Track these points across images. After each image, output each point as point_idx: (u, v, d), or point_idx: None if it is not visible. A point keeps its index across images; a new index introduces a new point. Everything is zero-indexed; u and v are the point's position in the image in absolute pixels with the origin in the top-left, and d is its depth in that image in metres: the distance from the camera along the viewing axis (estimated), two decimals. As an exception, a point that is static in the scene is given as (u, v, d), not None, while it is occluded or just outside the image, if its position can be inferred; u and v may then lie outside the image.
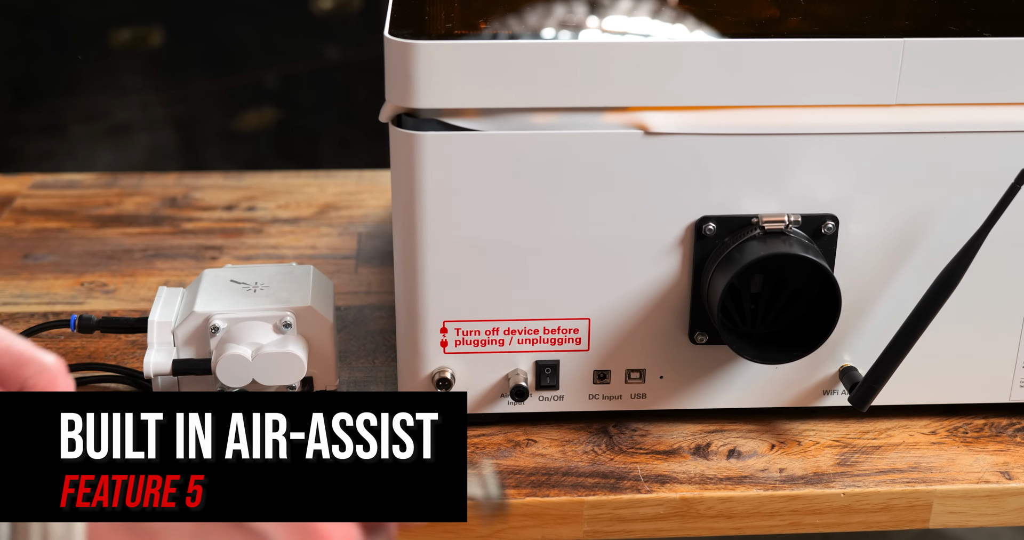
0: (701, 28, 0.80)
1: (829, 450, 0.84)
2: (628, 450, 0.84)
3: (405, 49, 0.74)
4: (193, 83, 2.25)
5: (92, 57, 2.16)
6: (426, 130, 0.76)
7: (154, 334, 0.85)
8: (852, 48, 0.76)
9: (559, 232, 0.79)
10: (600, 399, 0.85)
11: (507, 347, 0.83)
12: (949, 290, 0.78)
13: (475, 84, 0.75)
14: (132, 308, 1.01)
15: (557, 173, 0.78)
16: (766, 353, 0.81)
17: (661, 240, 0.80)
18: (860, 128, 0.78)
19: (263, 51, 2.25)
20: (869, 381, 0.81)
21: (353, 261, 1.10)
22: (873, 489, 0.80)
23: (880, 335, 0.82)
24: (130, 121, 2.24)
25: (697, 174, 0.78)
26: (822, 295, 0.80)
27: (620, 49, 0.75)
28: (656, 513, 0.80)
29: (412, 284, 0.81)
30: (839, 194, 0.80)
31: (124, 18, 2.16)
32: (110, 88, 2.20)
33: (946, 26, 0.79)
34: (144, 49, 2.19)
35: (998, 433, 0.86)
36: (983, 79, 0.77)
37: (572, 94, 0.76)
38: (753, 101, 0.77)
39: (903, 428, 0.86)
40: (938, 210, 0.80)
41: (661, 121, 0.77)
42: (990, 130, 0.78)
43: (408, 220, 0.79)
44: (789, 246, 0.78)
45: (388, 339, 0.97)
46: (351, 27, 2.24)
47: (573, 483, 0.80)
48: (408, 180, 0.78)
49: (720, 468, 0.82)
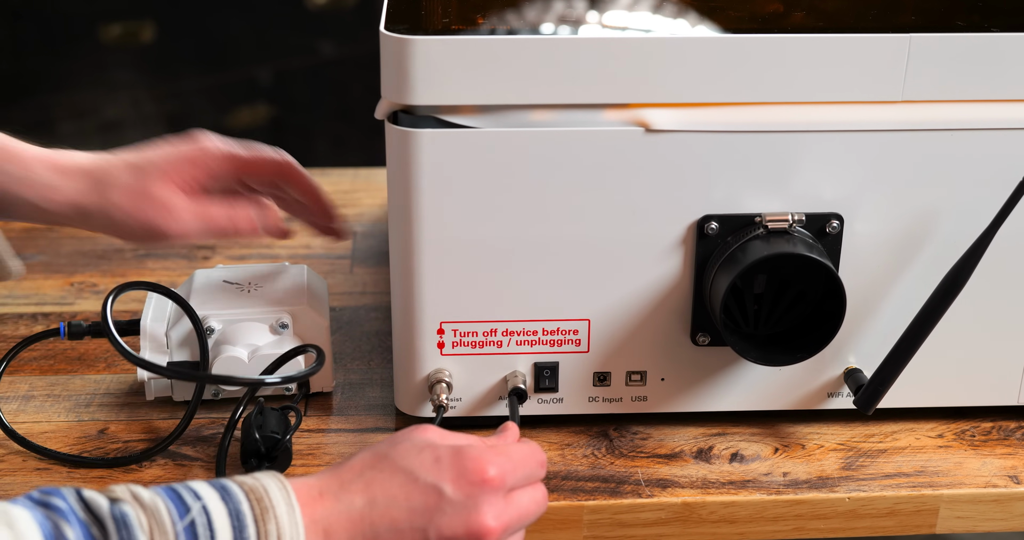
0: (703, 23, 0.79)
1: (834, 454, 0.83)
2: (629, 454, 0.83)
3: (401, 45, 0.73)
4: (185, 79, 2.24)
5: (82, 53, 2.15)
6: (423, 127, 0.75)
7: (147, 337, 0.84)
8: (857, 44, 0.75)
9: (558, 231, 0.78)
10: (600, 401, 0.84)
11: (505, 348, 0.82)
12: (956, 290, 0.77)
13: (473, 80, 0.74)
14: (123, 309, 1.00)
15: (556, 171, 0.77)
16: (769, 355, 0.80)
17: (662, 239, 0.79)
18: (865, 125, 0.77)
19: (256, 46, 2.24)
20: (875, 383, 0.80)
21: (348, 261, 1.09)
22: (879, 493, 0.79)
23: (886, 336, 0.82)
24: (121, 118, 2.22)
25: (699, 172, 0.77)
26: (827, 296, 0.79)
27: (621, 45, 0.75)
28: (657, 518, 0.79)
29: (408, 284, 0.80)
30: (844, 192, 0.79)
31: (114, 13, 2.15)
32: (100, 84, 2.19)
33: (953, 21, 0.78)
34: (135, 44, 2.18)
35: (1006, 436, 0.85)
36: (991, 75, 0.76)
37: (571, 90, 0.75)
38: (756, 98, 0.76)
39: (909, 431, 0.85)
40: (945, 209, 0.79)
41: (662, 118, 0.76)
42: (998, 127, 0.78)
43: (404, 219, 0.78)
44: (793, 245, 0.77)
45: (384, 340, 0.96)
46: (346, 22, 2.23)
47: (573, 487, 0.79)
48: (404, 178, 0.77)
49: (723, 472, 0.81)
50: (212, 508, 0.58)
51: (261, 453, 0.78)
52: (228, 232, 0.81)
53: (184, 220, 0.80)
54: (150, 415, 0.86)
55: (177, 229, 0.80)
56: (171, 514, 0.57)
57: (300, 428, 0.85)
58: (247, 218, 0.82)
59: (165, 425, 0.85)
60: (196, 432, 0.84)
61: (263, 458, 0.79)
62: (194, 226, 0.81)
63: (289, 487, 0.61)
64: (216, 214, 0.81)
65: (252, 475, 0.62)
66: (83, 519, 0.56)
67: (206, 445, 0.83)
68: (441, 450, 0.65)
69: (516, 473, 0.66)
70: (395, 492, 0.63)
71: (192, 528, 0.57)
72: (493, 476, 0.64)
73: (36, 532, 0.54)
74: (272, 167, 0.85)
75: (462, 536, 0.63)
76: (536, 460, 0.68)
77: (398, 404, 0.85)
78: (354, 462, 0.65)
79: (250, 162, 0.84)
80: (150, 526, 0.56)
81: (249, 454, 0.79)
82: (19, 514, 0.55)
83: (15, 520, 0.54)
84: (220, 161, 0.83)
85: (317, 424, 0.86)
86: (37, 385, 0.90)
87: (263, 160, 0.84)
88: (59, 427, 0.85)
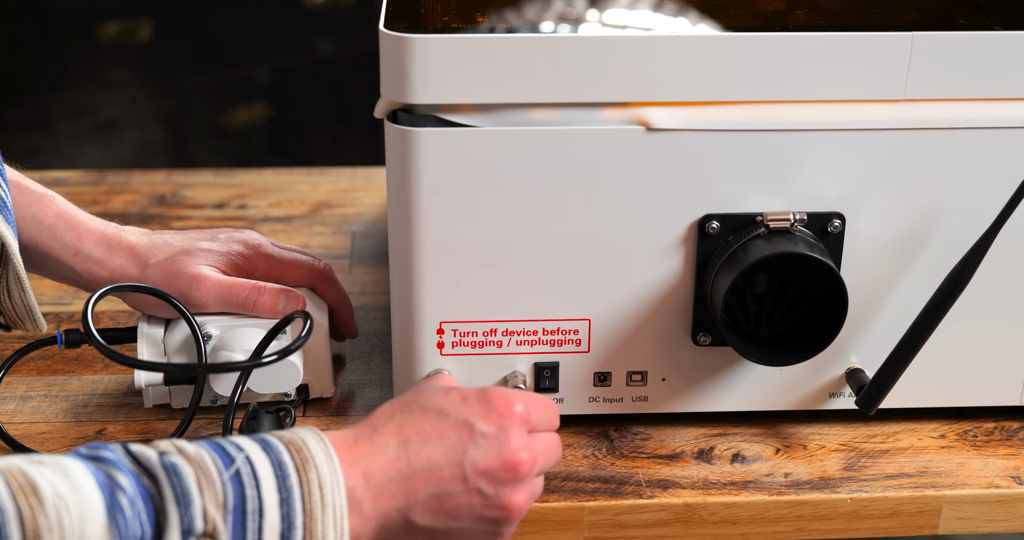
0: (704, 21, 0.79)
1: (836, 454, 0.83)
2: (629, 454, 0.82)
3: (400, 43, 0.73)
4: (182, 78, 2.24)
5: (79, 51, 2.14)
6: (422, 126, 0.75)
7: (144, 344, 0.83)
8: (859, 42, 0.75)
9: (558, 230, 0.78)
10: (601, 402, 0.83)
11: (505, 348, 0.81)
12: (959, 290, 0.77)
13: (472, 79, 0.74)
14: (119, 310, 0.99)
15: (556, 170, 0.76)
16: (771, 355, 0.80)
17: (663, 239, 0.79)
18: (867, 124, 0.77)
19: (254, 45, 2.24)
20: (877, 383, 0.80)
21: (347, 261, 1.09)
22: (881, 494, 0.79)
23: (888, 336, 0.81)
24: (118, 117, 2.22)
25: (700, 171, 0.77)
26: (828, 295, 0.79)
27: (621, 43, 0.74)
28: (658, 519, 0.78)
29: (408, 284, 0.79)
30: (846, 191, 0.78)
31: (111, 11, 2.15)
32: (97, 83, 2.19)
33: (955, 19, 0.78)
34: (132, 43, 2.17)
35: (1009, 437, 0.84)
36: (994, 73, 0.76)
37: (572, 89, 0.75)
38: (758, 96, 0.76)
39: (911, 432, 0.85)
40: (947, 208, 0.79)
41: (663, 117, 0.76)
42: (1001, 126, 0.77)
43: (403, 218, 0.77)
44: (795, 245, 0.77)
45: (383, 341, 0.96)
46: (345, 20, 2.22)
47: (573, 488, 0.79)
48: (403, 177, 0.76)
49: (724, 473, 0.81)
50: (255, 458, 0.60)
51: (260, 454, 0.78)
52: (248, 307, 0.83)
53: (209, 288, 0.83)
54: (147, 416, 0.86)
55: (200, 298, 0.82)
56: (216, 464, 0.59)
57: (299, 429, 0.84)
58: (272, 298, 0.83)
59: (163, 427, 0.85)
60: (194, 434, 0.84)
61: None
62: (217, 294, 0.83)
63: (326, 438, 0.63)
64: (241, 288, 0.83)
65: (290, 430, 0.64)
66: (133, 470, 0.58)
67: (204, 446, 0.82)
68: (466, 391, 0.69)
69: (538, 412, 0.69)
70: (427, 430, 0.66)
71: (238, 477, 0.59)
72: (520, 411, 0.68)
73: (91, 481, 0.56)
74: (308, 274, 0.87)
75: (497, 467, 0.66)
76: (553, 407, 0.72)
77: (397, 405, 0.84)
78: (383, 410, 0.68)
79: (288, 265, 0.87)
80: (197, 476, 0.58)
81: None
82: (72, 465, 0.56)
83: (70, 471, 0.56)
84: (258, 261, 0.86)
85: (316, 424, 0.85)
86: (34, 386, 0.89)
87: (300, 265, 0.87)
88: (56, 428, 0.84)
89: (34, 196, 0.84)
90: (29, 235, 0.83)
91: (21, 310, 0.82)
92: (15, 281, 0.80)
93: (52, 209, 0.84)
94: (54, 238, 0.83)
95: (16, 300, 0.81)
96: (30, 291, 0.81)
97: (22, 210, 0.83)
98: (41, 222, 0.83)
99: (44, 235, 0.84)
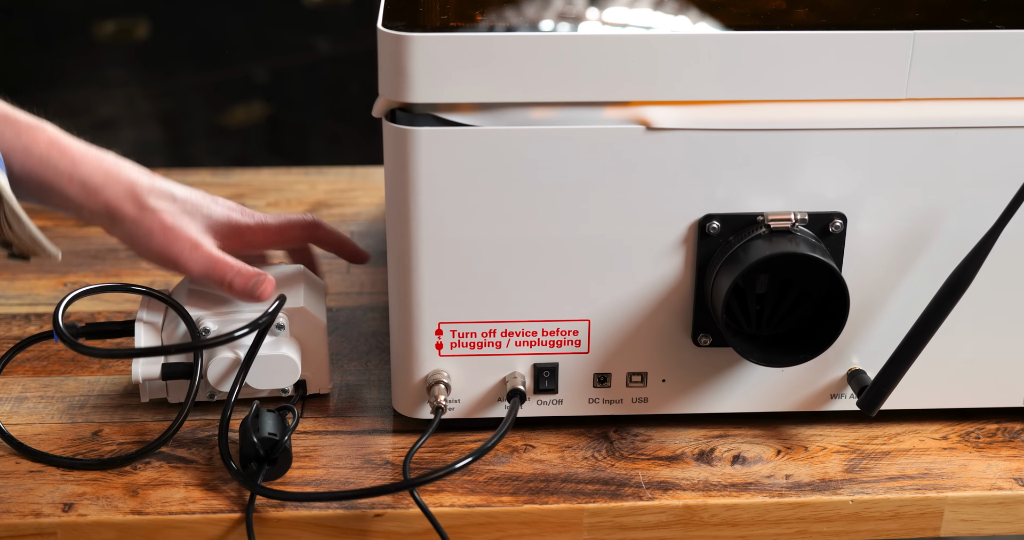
0: (705, 20, 0.78)
1: (837, 456, 0.82)
2: (629, 456, 0.82)
3: (399, 42, 0.72)
4: (180, 77, 2.23)
5: (75, 50, 2.14)
6: (420, 125, 0.74)
7: (141, 339, 0.83)
8: (860, 41, 0.75)
9: (558, 230, 0.78)
10: (600, 403, 0.83)
11: (504, 349, 0.81)
12: (961, 290, 0.77)
13: (471, 78, 0.73)
14: (117, 310, 0.99)
15: (556, 170, 0.76)
16: (772, 356, 0.79)
17: (663, 239, 0.78)
18: (869, 123, 0.76)
19: (252, 44, 2.23)
20: (878, 385, 0.79)
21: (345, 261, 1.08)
22: (882, 496, 0.78)
23: (890, 337, 0.81)
24: (115, 116, 2.21)
25: (700, 171, 0.77)
26: (830, 296, 0.78)
27: (621, 42, 0.74)
28: (658, 521, 0.78)
29: (406, 284, 0.79)
30: (847, 191, 0.78)
31: (108, 10, 2.14)
32: (94, 82, 2.18)
33: (957, 18, 0.78)
34: (129, 42, 2.17)
35: (1011, 438, 0.84)
36: (996, 72, 0.76)
37: (571, 88, 0.74)
38: (758, 95, 0.75)
39: (913, 433, 0.85)
40: (949, 208, 0.79)
41: (663, 116, 0.75)
42: (1003, 125, 0.77)
43: (402, 218, 0.77)
44: (796, 245, 0.76)
45: (381, 341, 0.95)
46: (343, 19, 2.22)
47: (572, 490, 0.79)
48: (402, 177, 0.76)
49: (724, 474, 0.80)
50: None
51: (260, 456, 0.77)
52: (224, 284, 0.83)
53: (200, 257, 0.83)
54: (144, 417, 0.85)
55: (190, 263, 0.83)
56: None
57: (297, 430, 0.84)
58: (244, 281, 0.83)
59: (160, 427, 0.84)
60: (191, 434, 0.83)
61: (263, 461, 0.78)
62: (204, 266, 0.83)
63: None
64: (227, 268, 0.83)
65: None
66: None
67: (201, 447, 0.82)
68: None
69: None
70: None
71: None
72: None
73: None
74: (301, 230, 0.90)
75: None
76: None
77: (396, 405, 0.84)
78: None
79: (282, 228, 0.89)
80: None
81: (248, 458, 0.78)
82: None
83: None
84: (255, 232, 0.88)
85: (314, 426, 0.85)
86: (30, 386, 0.89)
87: (292, 224, 0.90)
88: (52, 429, 0.84)
89: (24, 127, 0.82)
90: (21, 165, 0.82)
91: (27, 241, 0.80)
92: (12, 214, 0.78)
93: (44, 138, 0.82)
94: (47, 166, 0.82)
95: (18, 232, 0.80)
96: (28, 222, 0.79)
97: (11, 142, 0.81)
98: (32, 152, 0.81)
99: (36, 164, 0.82)
